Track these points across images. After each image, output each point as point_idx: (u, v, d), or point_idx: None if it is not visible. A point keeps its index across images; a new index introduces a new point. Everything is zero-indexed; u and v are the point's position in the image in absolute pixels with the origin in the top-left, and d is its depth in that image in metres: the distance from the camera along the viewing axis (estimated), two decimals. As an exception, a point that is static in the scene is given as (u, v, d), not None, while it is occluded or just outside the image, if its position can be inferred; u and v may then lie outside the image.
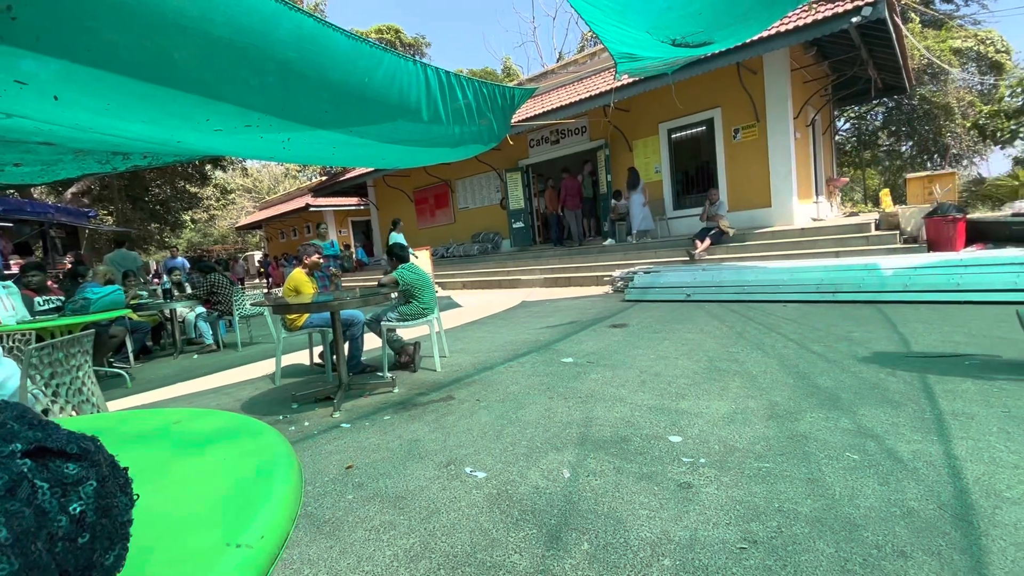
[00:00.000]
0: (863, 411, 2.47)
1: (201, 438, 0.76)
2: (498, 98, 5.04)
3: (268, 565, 0.50)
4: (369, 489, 2.17)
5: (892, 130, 20.46)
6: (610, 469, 2.13)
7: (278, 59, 3.30)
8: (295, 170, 35.68)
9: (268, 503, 0.58)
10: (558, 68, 13.40)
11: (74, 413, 1.68)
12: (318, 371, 4.54)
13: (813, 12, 7.47)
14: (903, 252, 6.64)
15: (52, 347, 1.64)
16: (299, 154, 5.28)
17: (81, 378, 1.77)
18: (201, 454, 0.71)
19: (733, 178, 9.79)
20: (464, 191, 14.99)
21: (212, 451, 0.72)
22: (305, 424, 3.11)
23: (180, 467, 0.69)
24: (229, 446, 0.73)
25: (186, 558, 0.50)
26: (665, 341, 4.37)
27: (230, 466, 0.69)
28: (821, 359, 3.40)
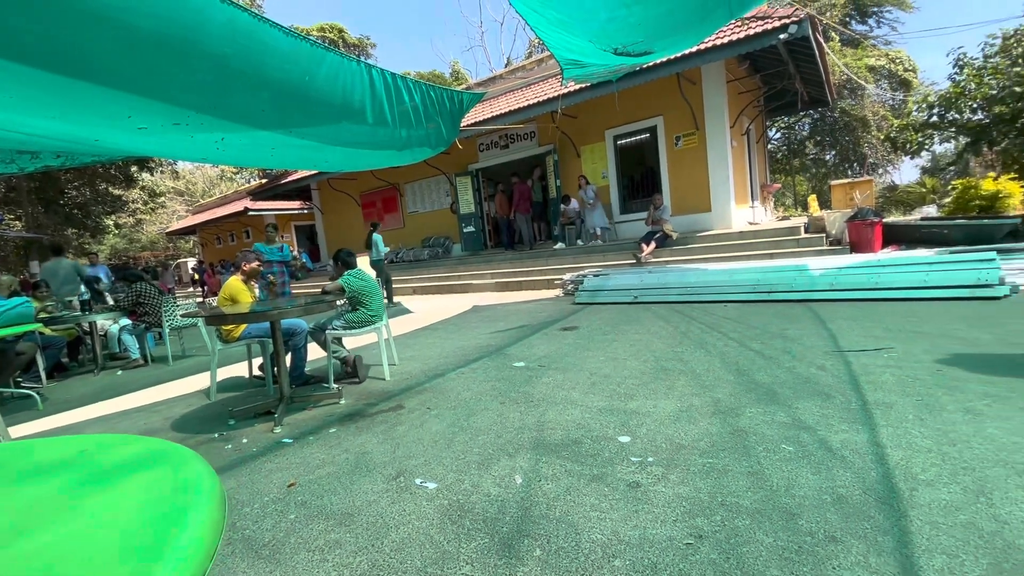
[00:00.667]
0: (797, 404, 2.61)
1: (111, 468, 0.68)
2: (446, 102, 4.99)
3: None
4: (313, 507, 2.06)
5: (817, 140, 22.02)
6: (562, 473, 2.13)
7: (210, 54, 3.12)
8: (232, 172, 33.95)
9: (182, 538, 0.52)
10: (506, 73, 13.49)
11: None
12: (258, 384, 4.30)
13: (746, 28, 7.92)
14: (829, 253, 7.13)
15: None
16: (235, 155, 5.01)
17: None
18: (109, 487, 0.63)
19: (676, 183, 10.18)
20: (413, 195, 14.76)
21: (122, 483, 0.64)
22: (243, 441, 2.93)
23: (83, 504, 0.61)
24: (142, 476, 0.66)
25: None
26: (615, 343, 4.46)
27: (141, 500, 0.62)
28: (759, 356, 3.58)
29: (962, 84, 7.77)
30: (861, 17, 21.24)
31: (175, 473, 0.67)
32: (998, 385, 2.59)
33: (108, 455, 0.74)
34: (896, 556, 1.45)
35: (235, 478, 2.43)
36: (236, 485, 2.35)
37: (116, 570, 0.48)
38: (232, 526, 1.98)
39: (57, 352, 5.63)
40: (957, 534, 1.51)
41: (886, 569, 1.40)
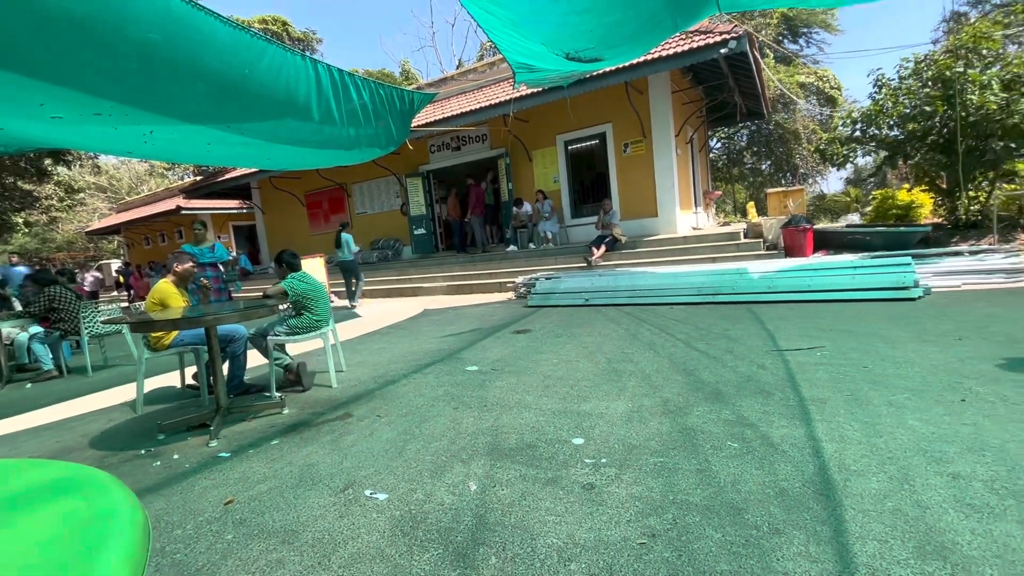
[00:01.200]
0: (741, 402, 2.72)
1: (15, 499, 0.58)
2: (396, 101, 4.88)
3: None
4: (253, 525, 1.93)
5: (754, 150, 23.34)
6: (517, 478, 2.11)
7: (137, 41, 2.90)
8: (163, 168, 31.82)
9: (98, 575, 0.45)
10: (458, 75, 13.41)
11: None
12: (192, 395, 4.02)
13: (690, 41, 8.26)
14: (766, 257, 7.54)
15: None
16: (167, 150, 4.68)
17: None
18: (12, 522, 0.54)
19: (624, 189, 10.46)
20: (362, 196, 14.37)
21: (29, 516, 0.55)
22: (174, 457, 2.71)
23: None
24: (52, 507, 0.57)
25: None
26: (567, 345, 4.50)
27: (50, 535, 0.53)
28: (705, 356, 3.71)
29: (881, 103, 8.45)
30: (793, 37, 22.76)
31: (90, 502, 0.59)
32: (915, 379, 2.81)
33: (10, 483, 0.65)
34: (834, 544, 1.52)
35: (164, 498, 2.24)
36: (165, 506, 2.16)
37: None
38: (160, 552, 1.82)
39: (-47, 364, 5.03)
40: (886, 520, 1.60)
41: (825, 557, 1.47)
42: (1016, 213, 7.70)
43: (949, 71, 7.46)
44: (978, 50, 7.62)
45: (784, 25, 21.75)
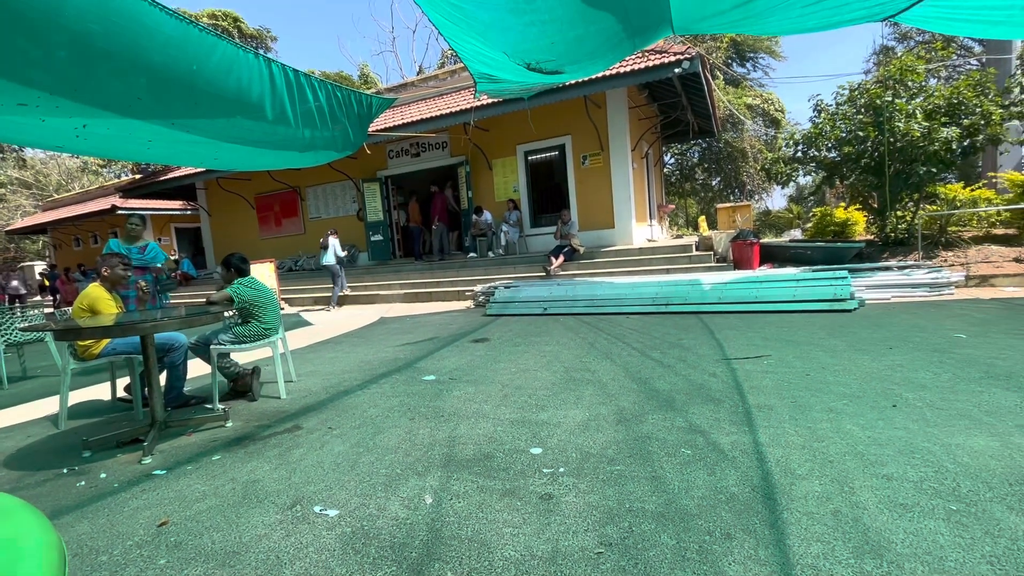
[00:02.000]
0: (693, 410, 2.79)
1: None
2: (354, 104, 4.79)
3: None
4: (190, 548, 1.80)
5: (705, 167, 24.38)
6: (474, 489, 2.07)
7: (73, 29, 2.72)
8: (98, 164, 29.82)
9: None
10: (418, 81, 13.33)
11: None
12: (124, 408, 3.74)
13: (646, 59, 8.56)
14: (717, 270, 7.85)
15: None
16: (102, 146, 4.39)
17: None
18: None
19: (583, 200, 10.66)
20: (316, 200, 13.97)
21: None
22: (101, 476, 2.50)
23: None
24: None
25: None
26: (526, 354, 4.50)
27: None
28: (659, 365, 3.80)
29: (820, 126, 9.03)
30: (740, 60, 24.04)
31: None
32: (852, 387, 2.98)
33: None
34: (781, 547, 1.57)
35: (89, 521, 2.06)
36: (90, 530, 1.99)
37: None
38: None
39: None
40: (828, 522, 1.68)
41: (773, 560, 1.51)
42: (937, 232, 8.37)
43: (879, 99, 8.07)
44: (904, 81, 8.28)
45: (733, 49, 22.95)
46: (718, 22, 3.99)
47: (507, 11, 3.58)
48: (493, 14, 3.63)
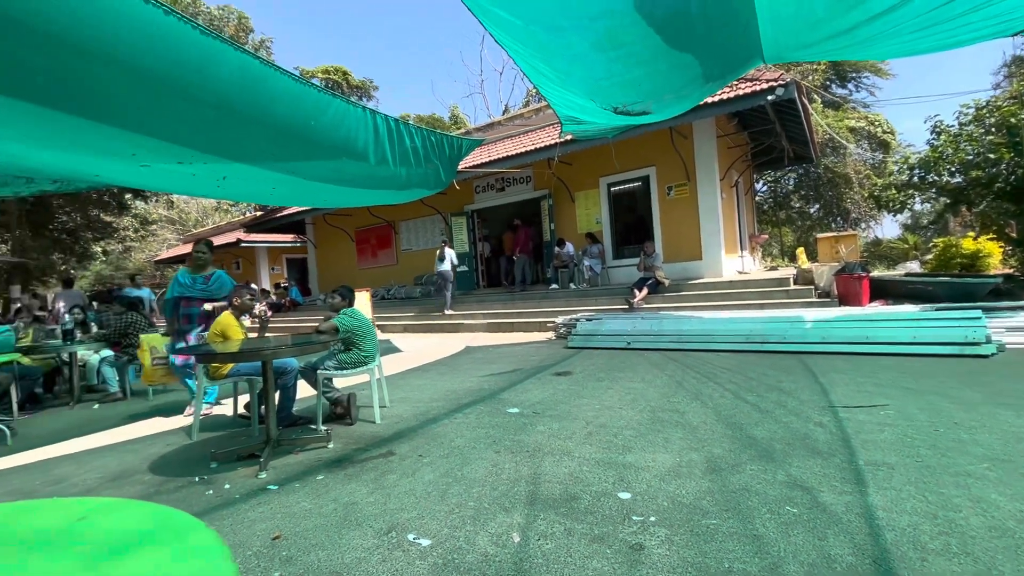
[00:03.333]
0: (796, 463, 2.57)
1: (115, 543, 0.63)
2: (445, 147, 5.13)
3: None
4: (299, 564, 1.96)
5: (802, 194, 22.80)
6: (561, 531, 2.05)
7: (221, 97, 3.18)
8: (228, 204, 34.06)
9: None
10: (504, 120, 13.93)
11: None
12: (242, 424, 4.17)
13: (735, 89, 8.32)
14: (818, 306, 7.23)
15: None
16: (236, 192, 5.05)
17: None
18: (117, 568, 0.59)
19: (668, 231, 10.40)
20: (408, 233, 14.88)
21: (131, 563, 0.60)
22: (225, 487, 2.80)
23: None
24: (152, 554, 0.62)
25: None
26: (609, 390, 4.41)
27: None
28: (755, 409, 3.56)
29: (940, 149, 8.16)
30: (841, 81, 22.48)
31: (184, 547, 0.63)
32: (994, 447, 2.59)
33: (109, 523, 0.70)
34: (911, 634, 1.39)
35: (217, 527, 2.29)
36: (217, 536, 2.22)
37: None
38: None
39: (32, 383, 5.44)
40: (971, 610, 1.46)
41: (902, 648, 1.35)
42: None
43: (1014, 117, 7.16)
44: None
45: (832, 71, 21.56)
46: (816, 51, 3.81)
47: (592, 56, 3.68)
48: (578, 59, 3.74)
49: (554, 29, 3.23)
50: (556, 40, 3.38)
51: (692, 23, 3.23)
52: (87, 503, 0.74)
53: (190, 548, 0.63)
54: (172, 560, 0.61)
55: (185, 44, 2.60)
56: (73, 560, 0.61)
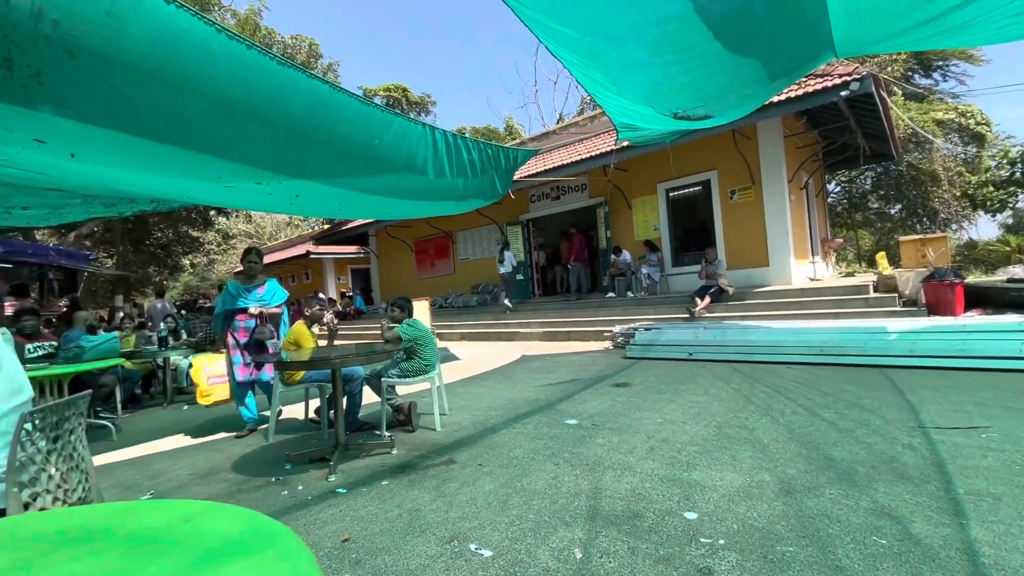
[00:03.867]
0: (883, 488, 2.37)
1: (218, 547, 0.70)
2: (501, 158, 5.21)
3: None
4: (367, 567, 2.03)
5: (881, 194, 21.13)
6: (624, 549, 2.01)
7: (293, 121, 3.39)
8: (299, 219, 36.26)
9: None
10: (559, 129, 13.95)
11: (62, 482, 1.59)
12: (313, 428, 4.40)
13: (803, 86, 7.88)
14: (903, 315, 6.66)
15: (48, 410, 1.57)
16: (307, 208, 5.36)
17: (73, 443, 1.69)
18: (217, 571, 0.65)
19: (731, 237, 9.97)
20: (465, 243, 15.19)
21: (231, 565, 0.65)
22: (299, 488, 2.97)
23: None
24: (249, 557, 0.67)
25: None
26: (671, 403, 4.28)
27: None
28: (832, 427, 3.32)
29: (1047, 140, 7.30)
30: (925, 71, 20.70)
31: (276, 553, 0.68)
32: None
33: (211, 526, 0.77)
34: None
35: (293, 527, 2.43)
36: (292, 535, 2.36)
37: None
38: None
39: (133, 385, 6.01)
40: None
41: None
42: None
43: None
44: None
45: (914, 60, 19.91)
46: (896, 42, 3.53)
47: (649, 53, 3.59)
48: (635, 66, 3.68)
49: (610, 38, 3.21)
50: (612, 48, 3.36)
51: (756, 22, 3.11)
52: (190, 506, 0.81)
53: (281, 554, 0.68)
54: (267, 565, 0.66)
55: (265, 74, 2.81)
56: (182, 558, 0.67)
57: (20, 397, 1.56)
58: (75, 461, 1.69)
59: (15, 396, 1.53)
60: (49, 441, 1.58)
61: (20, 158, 2.84)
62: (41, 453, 1.54)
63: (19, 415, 1.53)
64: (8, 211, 4.32)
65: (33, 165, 2.99)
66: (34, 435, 1.52)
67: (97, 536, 0.73)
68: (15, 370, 1.59)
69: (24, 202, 4.21)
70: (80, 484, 1.67)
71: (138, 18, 2.08)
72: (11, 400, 1.51)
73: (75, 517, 0.86)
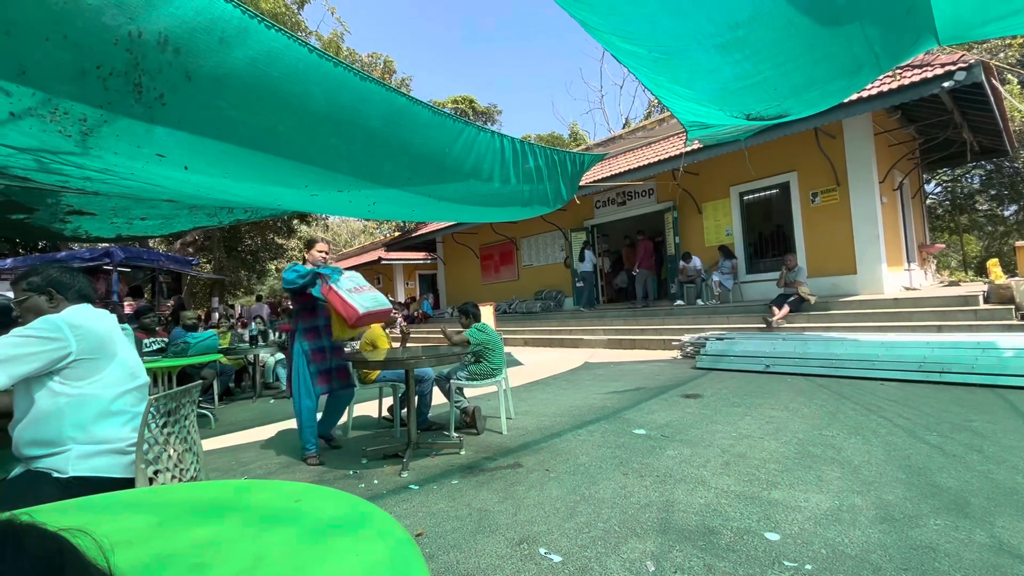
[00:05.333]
0: (1002, 523, 2.12)
1: (325, 523, 0.76)
2: (568, 164, 5.21)
3: None
4: (440, 562, 2.10)
5: (992, 193, 18.91)
6: (700, 567, 1.93)
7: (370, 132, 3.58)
8: (372, 227, 38.17)
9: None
10: (625, 134, 13.73)
11: (179, 462, 1.78)
12: (386, 425, 4.59)
13: (898, 78, 7.26)
14: (1020, 330, 5.91)
15: (168, 397, 1.77)
16: (383, 212, 5.63)
17: (188, 427, 1.89)
18: (327, 543, 0.71)
19: (812, 243, 9.34)
20: (528, 249, 15.29)
21: (337, 541, 0.71)
22: (374, 482, 3.11)
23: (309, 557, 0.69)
24: (353, 537, 0.73)
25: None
26: (746, 417, 4.06)
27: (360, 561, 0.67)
28: (938, 452, 3.01)
29: None
30: (1047, 55, 18.32)
31: (378, 530, 0.73)
32: None
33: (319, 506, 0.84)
34: None
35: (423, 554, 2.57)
36: (369, 526, 2.48)
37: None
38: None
39: (228, 379, 6.58)
40: None
41: None
42: None
43: None
44: None
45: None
46: (1010, 23, 3.17)
47: (719, 53, 3.45)
48: (704, 67, 3.55)
49: (679, 51, 3.13)
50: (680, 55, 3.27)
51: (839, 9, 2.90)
52: (299, 487, 0.90)
53: (381, 532, 0.73)
54: (369, 540, 0.71)
55: (347, 88, 3.00)
56: (296, 530, 0.74)
57: (136, 381, 1.76)
58: (188, 444, 1.89)
59: (132, 380, 1.74)
60: (169, 424, 1.78)
61: (145, 171, 3.22)
62: (163, 435, 1.74)
63: (135, 396, 1.74)
64: (130, 222, 4.91)
65: (154, 178, 3.38)
66: (157, 418, 1.72)
67: (221, 507, 0.82)
68: (133, 359, 1.81)
69: (143, 213, 4.76)
70: (193, 465, 1.86)
71: (244, 42, 2.30)
72: (128, 383, 1.72)
73: (199, 490, 0.97)
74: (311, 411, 3.62)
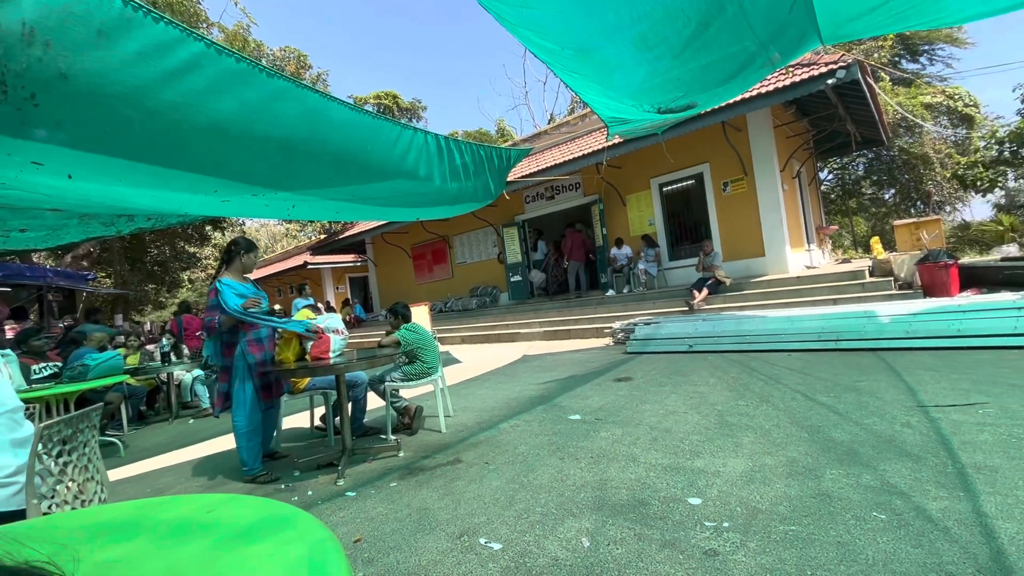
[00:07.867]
0: (884, 466, 2.42)
1: (242, 531, 0.74)
2: (494, 159, 5.24)
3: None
4: (380, 565, 2.07)
5: (874, 179, 21.24)
6: (631, 536, 2.05)
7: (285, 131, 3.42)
8: (295, 229, 36.29)
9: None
10: (551, 129, 14.01)
11: (79, 493, 1.62)
12: (319, 435, 4.43)
13: (790, 75, 7.95)
14: (899, 298, 6.72)
15: (63, 423, 1.61)
16: (305, 214, 5.39)
17: (88, 454, 1.72)
18: (244, 550, 0.69)
19: (726, 229, 10.04)
20: (462, 246, 15.23)
21: (255, 547, 0.69)
22: (308, 493, 3.00)
23: (225, 564, 0.66)
24: (272, 541, 0.71)
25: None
26: (672, 395, 4.32)
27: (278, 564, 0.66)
28: (831, 411, 3.37)
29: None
30: (912, 56, 20.83)
31: (297, 532, 0.72)
32: (1122, 448, 2.31)
33: (232, 513, 0.81)
34: (1025, 649, 1.28)
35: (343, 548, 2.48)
36: (304, 539, 2.39)
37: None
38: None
39: (139, 401, 6.04)
40: (1098, 625, 1.33)
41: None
42: None
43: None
44: None
45: (900, 45, 20.03)
46: (877, 20, 3.57)
47: (631, 50, 3.62)
48: (614, 62, 3.71)
49: (591, 47, 3.25)
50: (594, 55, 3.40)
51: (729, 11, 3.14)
52: (212, 498, 0.85)
53: (301, 533, 0.72)
54: (287, 543, 0.70)
55: (253, 86, 2.83)
56: (207, 542, 0.71)
57: (3, 407, 1.56)
58: (90, 472, 1.73)
59: None
60: (65, 454, 1.61)
61: (19, 181, 2.87)
62: (57, 465, 1.58)
63: (2, 423, 1.53)
64: (6, 234, 4.35)
65: (31, 187, 3.02)
66: (50, 448, 1.56)
67: (127, 527, 0.77)
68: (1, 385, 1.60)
69: (22, 224, 4.24)
70: (96, 495, 1.71)
71: (128, 35, 2.11)
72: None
73: (105, 513, 0.89)
74: (258, 429, 3.41)
